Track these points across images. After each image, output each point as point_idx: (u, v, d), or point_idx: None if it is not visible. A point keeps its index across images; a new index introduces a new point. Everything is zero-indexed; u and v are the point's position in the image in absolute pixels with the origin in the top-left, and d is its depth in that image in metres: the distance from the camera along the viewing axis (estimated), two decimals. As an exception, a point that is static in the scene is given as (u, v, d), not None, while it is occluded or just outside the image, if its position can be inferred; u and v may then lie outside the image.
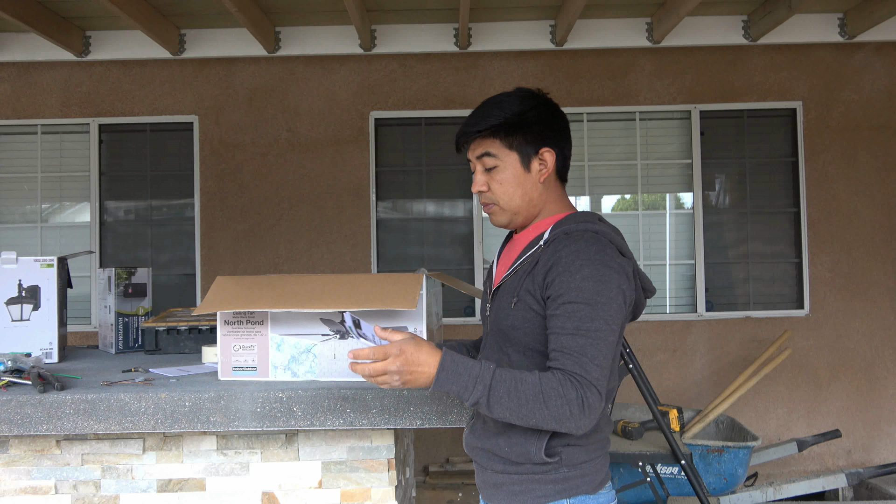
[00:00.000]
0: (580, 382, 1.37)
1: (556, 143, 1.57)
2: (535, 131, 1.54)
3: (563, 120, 1.60)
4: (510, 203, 1.57)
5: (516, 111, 1.54)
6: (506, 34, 4.91)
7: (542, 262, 1.49)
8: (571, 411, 1.36)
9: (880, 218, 5.14)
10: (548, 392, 1.37)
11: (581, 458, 1.51)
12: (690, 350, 5.12)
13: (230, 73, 5.16)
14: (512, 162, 1.55)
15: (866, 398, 5.10)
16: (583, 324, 1.40)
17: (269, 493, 1.91)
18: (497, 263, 1.69)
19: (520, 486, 1.51)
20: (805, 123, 5.15)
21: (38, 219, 5.23)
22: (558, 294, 1.43)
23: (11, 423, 1.77)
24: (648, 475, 3.44)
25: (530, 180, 1.56)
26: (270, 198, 5.15)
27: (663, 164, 5.22)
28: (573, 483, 1.50)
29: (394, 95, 5.16)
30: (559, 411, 1.37)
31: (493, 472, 1.55)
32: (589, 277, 1.42)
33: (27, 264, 2.34)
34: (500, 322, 1.55)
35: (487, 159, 1.57)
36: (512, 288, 1.53)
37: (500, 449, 1.52)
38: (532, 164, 1.55)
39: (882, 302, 5.12)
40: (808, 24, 4.84)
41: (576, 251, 1.45)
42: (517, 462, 1.51)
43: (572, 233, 1.50)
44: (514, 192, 1.56)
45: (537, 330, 1.49)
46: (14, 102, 5.16)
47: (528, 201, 1.57)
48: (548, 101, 1.60)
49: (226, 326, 1.94)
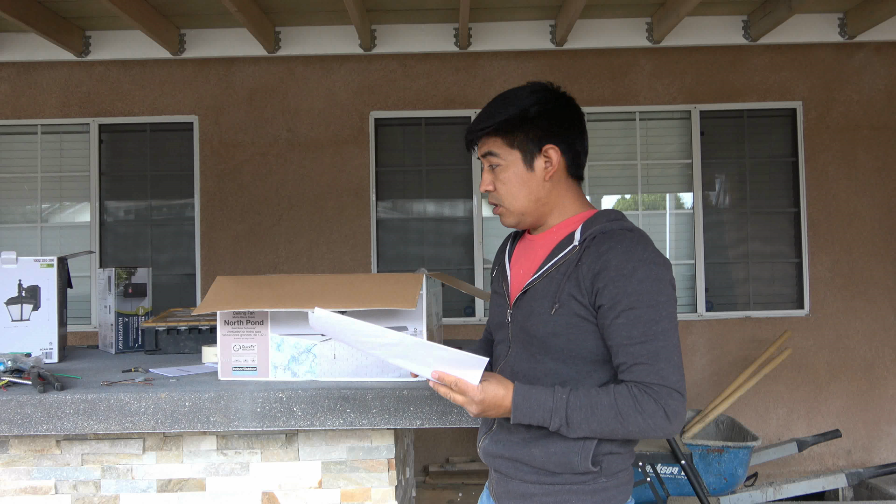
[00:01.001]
0: (658, 392, 1.34)
1: (563, 140, 1.50)
2: (538, 128, 1.48)
3: (573, 114, 1.53)
4: (515, 203, 1.52)
5: (520, 107, 1.49)
6: (506, 34, 4.91)
7: (585, 266, 1.41)
8: (656, 423, 1.34)
9: (880, 218, 5.14)
10: (625, 412, 1.34)
11: (619, 467, 1.46)
12: (690, 350, 5.12)
13: (230, 73, 5.16)
14: (514, 160, 1.50)
15: (866, 398, 5.10)
16: (649, 328, 1.36)
17: (269, 493, 1.91)
18: (510, 265, 1.60)
19: (555, 497, 1.44)
20: (805, 123, 5.15)
21: (38, 219, 5.23)
22: (615, 301, 1.37)
23: (11, 423, 1.77)
24: (648, 475, 3.44)
25: (535, 179, 1.50)
26: (270, 198, 5.15)
27: (663, 164, 5.22)
28: (611, 493, 1.45)
29: (394, 95, 5.16)
30: (643, 426, 1.34)
31: (521, 482, 1.47)
32: (645, 279, 1.37)
33: (27, 264, 2.34)
34: (534, 329, 1.46)
35: (492, 158, 1.52)
36: (548, 292, 1.45)
37: (535, 459, 1.45)
38: (536, 162, 1.50)
39: (882, 302, 5.12)
40: (808, 24, 4.84)
41: (625, 253, 1.39)
42: (554, 472, 1.43)
43: (609, 232, 1.44)
44: (519, 192, 1.51)
45: (582, 336, 1.42)
46: (14, 102, 5.16)
47: (534, 201, 1.51)
48: (557, 94, 1.53)
49: (226, 326, 1.94)
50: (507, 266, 1.60)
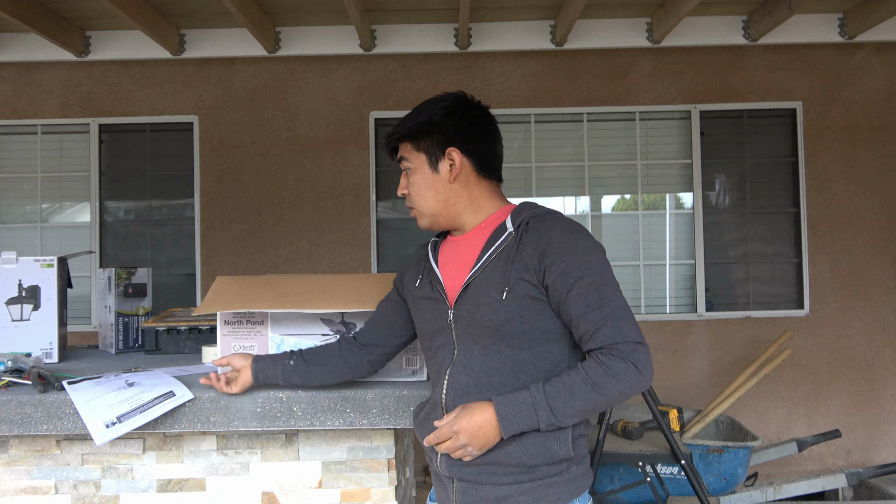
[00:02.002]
0: (623, 350, 1.40)
1: (466, 143, 1.57)
2: (441, 132, 1.57)
3: (479, 119, 1.60)
4: (424, 204, 1.61)
5: (427, 114, 1.58)
6: (506, 34, 4.91)
7: (529, 247, 1.48)
8: (630, 380, 1.39)
9: (880, 218, 5.14)
10: (600, 381, 1.39)
11: (584, 451, 1.53)
12: (690, 350, 5.12)
13: (230, 73, 5.16)
14: (421, 164, 1.59)
15: (866, 398, 5.10)
16: (602, 293, 1.43)
17: (269, 493, 1.91)
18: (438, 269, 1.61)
19: (531, 494, 1.47)
20: (805, 123, 5.15)
21: (38, 219, 5.23)
22: (566, 274, 1.44)
23: (11, 423, 1.77)
24: (648, 475, 3.44)
25: (440, 181, 1.58)
26: (270, 198, 5.15)
27: (663, 164, 5.22)
28: (581, 481, 1.51)
29: (394, 95, 5.16)
30: (621, 388, 1.39)
31: (494, 486, 1.48)
32: (587, 249, 1.46)
33: (27, 264, 2.34)
34: (486, 319, 1.49)
35: (404, 162, 1.63)
36: (494, 280, 1.49)
37: (511, 457, 1.46)
38: (440, 164, 1.58)
39: (882, 302, 5.12)
40: (808, 24, 4.84)
41: (564, 230, 1.48)
42: (532, 466, 1.46)
43: (541, 216, 1.52)
44: (427, 193, 1.59)
45: (535, 316, 1.47)
46: (14, 102, 5.16)
47: (442, 201, 1.59)
48: (465, 102, 1.61)
49: (226, 326, 1.94)
50: (437, 270, 1.61)
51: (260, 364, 1.75)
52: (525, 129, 5.19)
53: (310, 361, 1.76)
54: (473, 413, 1.44)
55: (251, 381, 1.76)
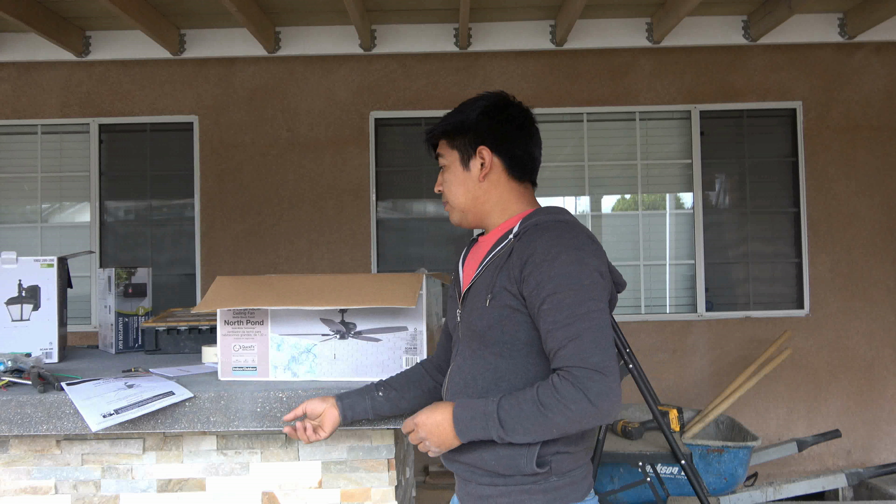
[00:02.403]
0: (577, 375, 1.32)
1: (498, 142, 1.57)
2: (475, 131, 1.58)
3: (515, 120, 1.60)
4: (455, 200, 1.62)
5: (465, 113, 1.60)
6: (506, 34, 4.91)
7: (515, 256, 1.46)
8: (581, 409, 1.32)
9: (880, 218, 5.14)
10: (547, 403, 1.34)
11: (569, 466, 1.48)
12: (690, 350, 5.12)
13: (230, 73, 5.16)
14: (454, 161, 1.61)
15: (866, 398, 5.10)
16: (573, 311, 1.37)
17: (269, 493, 1.91)
18: (462, 268, 1.65)
19: (508, 497, 1.48)
20: (805, 123, 5.15)
21: (38, 219, 5.23)
22: (540, 287, 1.40)
23: (11, 423, 1.77)
24: (648, 475, 3.44)
25: (471, 178, 1.59)
26: (270, 198, 5.15)
27: (663, 164, 5.22)
28: (563, 492, 1.48)
29: (394, 95, 5.16)
30: (569, 416, 1.33)
31: (477, 485, 1.52)
32: (568, 263, 1.40)
33: (27, 264, 2.34)
34: (474, 324, 1.51)
35: (440, 159, 1.65)
36: (484, 285, 1.50)
37: (486, 462, 1.48)
38: (471, 162, 1.58)
39: (882, 302, 5.12)
40: (808, 24, 4.84)
41: (550, 241, 1.44)
42: (505, 474, 1.47)
43: (543, 224, 1.50)
44: (458, 190, 1.61)
45: (515, 326, 1.46)
46: (14, 102, 5.16)
47: (472, 199, 1.60)
48: (503, 102, 1.61)
49: (226, 326, 1.94)
50: (461, 268, 1.65)
51: (347, 402, 1.67)
52: (525, 129, 5.18)
53: (400, 389, 1.72)
54: (435, 411, 1.48)
55: (339, 421, 1.66)
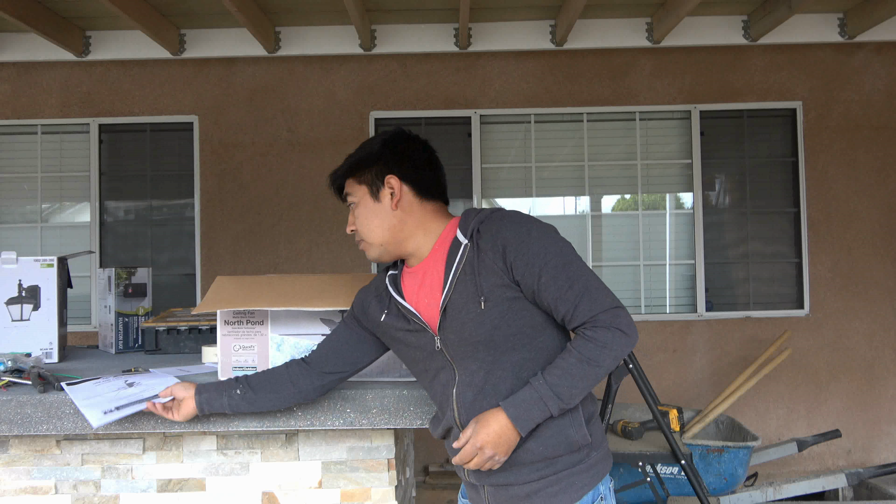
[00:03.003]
0: (604, 319, 1.45)
1: (402, 169, 1.61)
2: (378, 163, 1.61)
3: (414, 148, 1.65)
4: (371, 235, 1.63)
5: (366, 150, 1.64)
6: (506, 34, 4.91)
7: (488, 252, 1.50)
8: (620, 344, 1.45)
9: (880, 218, 5.14)
10: (593, 356, 1.44)
11: (600, 438, 1.59)
12: (690, 350, 5.12)
13: (230, 73, 5.16)
14: (363, 195, 1.63)
15: (866, 398, 5.10)
16: (568, 271, 1.47)
17: (269, 493, 1.91)
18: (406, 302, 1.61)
19: (558, 485, 1.52)
20: (805, 123, 5.15)
21: (38, 219, 5.23)
22: (530, 265, 1.47)
23: (11, 423, 1.77)
24: (648, 475, 3.44)
25: (384, 209, 1.61)
26: (270, 198, 5.15)
27: (663, 164, 5.22)
28: (601, 466, 1.57)
29: (394, 95, 5.15)
30: (614, 355, 1.45)
31: (520, 486, 1.53)
32: (540, 236, 1.50)
33: (27, 264, 2.34)
34: (473, 334, 1.51)
35: (349, 198, 1.66)
36: (468, 295, 1.51)
37: (533, 454, 1.51)
38: (381, 192, 1.61)
39: (882, 302, 5.12)
40: (808, 24, 4.84)
41: (514, 224, 1.52)
42: (552, 457, 1.51)
43: (488, 219, 1.55)
44: (371, 223, 1.62)
45: (518, 314, 1.51)
46: (14, 102, 5.16)
47: (388, 229, 1.61)
48: (399, 134, 1.65)
49: (226, 326, 1.94)
50: (406, 304, 1.61)
51: (204, 396, 1.69)
52: (525, 129, 5.19)
53: (258, 389, 1.70)
54: (489, 423, 1.47)
55: (194, 411, 1.69)
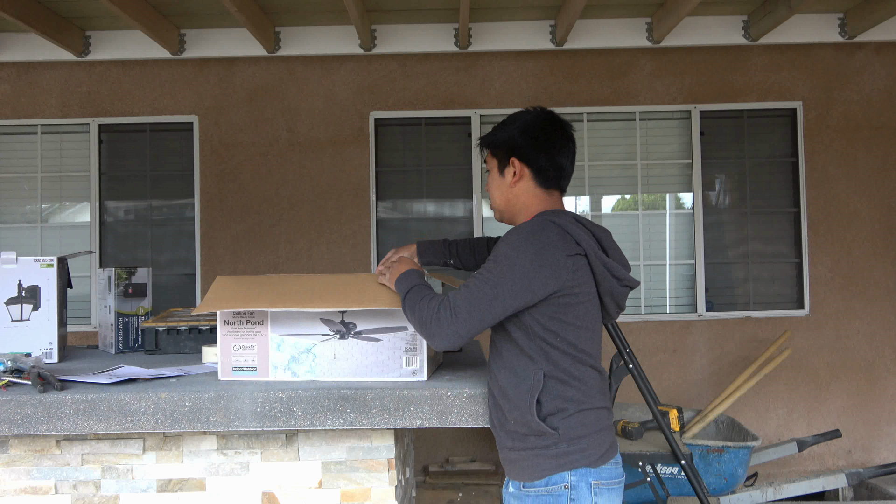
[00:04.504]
0: (442, 301, 1.67)
1: (527, 154, 1.80)
2: (510, 142, 1.82)
3: (546, 134, 1.81)
4: (493, 201, 1.90)
5: (505, 127, 1.85)
6: (506, 34, 4.91)
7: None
8: (424, 317, 1.67)
9: (880, 218, 5.14)
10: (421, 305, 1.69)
11: (578, 433, 1.68)
12: (690, 350, 5.12)
13: (230, 73, 5.16)
14: (494, 167, 1.87)
15: (866, 398, 5.10)
16: (482, 273, 1.68)
17: (269, 493, 1.91)
18: None
19: (527, 461, 1.70)
20: (805, 123, 5.15)
21: (38, 219, 5.23)
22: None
23: (11, 423, 1.77)
24: (648, 475, 3.44)
25: (505, 184, 1.84)
26: (270, 198, 5.15)
27: (663, 164, 5.22)
28: (573, 458, 1.67)
29: (394, 95, 5.16)
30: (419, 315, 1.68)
31: (505, 450, 1.75)
32: (508, 244, 1.68)
33: (27, 264, 2.34)
34: None
35: (486, 164, 1.92)
36: None
37: (509, 422, 1.71)
38: (506, 170, 1.83)
39: (882, 302, 5.12)
40: (808, 24, 4.84)
41: (508, 235, 1.71)
42: (521, 434, 1.69)
43: (531, 220, 1.75)
44: (495, 193, 1.88)
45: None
46: (14, 102, 5.16)
47: (505, 201, 1.86)
48: (541, 117, 1.84)
49: (226, 326, 1.94)
50: None
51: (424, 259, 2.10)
52: (525, 129, 5.17)
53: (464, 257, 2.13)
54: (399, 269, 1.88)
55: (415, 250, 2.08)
